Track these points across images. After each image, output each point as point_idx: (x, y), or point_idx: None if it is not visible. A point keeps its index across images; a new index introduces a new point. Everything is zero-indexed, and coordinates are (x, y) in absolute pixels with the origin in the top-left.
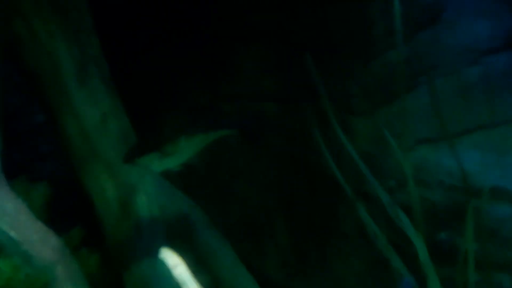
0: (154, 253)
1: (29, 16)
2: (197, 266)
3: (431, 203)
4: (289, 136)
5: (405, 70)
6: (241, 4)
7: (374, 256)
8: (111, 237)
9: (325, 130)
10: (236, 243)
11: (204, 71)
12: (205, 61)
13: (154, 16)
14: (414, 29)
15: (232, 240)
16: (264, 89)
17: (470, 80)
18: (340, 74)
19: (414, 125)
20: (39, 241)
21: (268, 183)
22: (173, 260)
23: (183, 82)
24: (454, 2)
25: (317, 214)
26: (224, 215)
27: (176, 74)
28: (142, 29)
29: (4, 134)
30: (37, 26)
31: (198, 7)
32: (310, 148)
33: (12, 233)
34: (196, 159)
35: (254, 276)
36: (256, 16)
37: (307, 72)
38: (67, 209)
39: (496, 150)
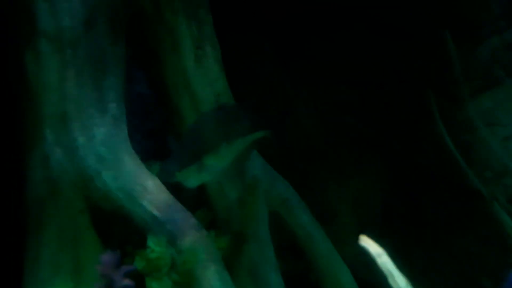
0: (260, 237)
1: None
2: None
3: None
4: (374, 122)
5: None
6: None
7: (465, 250)
8: (221, 219)
9: (417, 116)
10: None
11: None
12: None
13: None
14: None
15: None
16: (352, 73)
17: None
18: (441, 59)
19: None
20: (181, 221)
21: (346, 170)
22: (375, 249)
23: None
24: None
25: (398, 205)
26: None
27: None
28: None
29: None
30: (162, 2)
31: None
32: (396, 135)
33: (156, 212)
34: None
35: None
36: None
37: (404, 55)
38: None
39: None
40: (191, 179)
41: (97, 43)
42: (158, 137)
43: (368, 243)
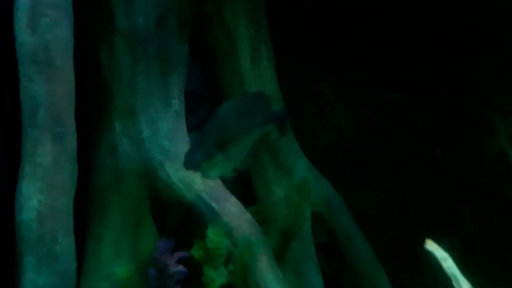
0: (303, 236)
1: None
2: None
3: None
4: (412, 128)
5: None
6: None
7: (499, 260)
8: (268, 216)
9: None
10: None
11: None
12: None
13: None
14: None
15: None
16: (388, 77)
17: None
18: (482, 67)
19: None
20: (236, 214)
21: (383, 174)
22: (441, 253)
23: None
24: None
25: (434, 210)
26: None
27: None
28: None
29: None
30: (224, 5)
31: None
32: (435, 142)
33: (214, 204)
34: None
35: None
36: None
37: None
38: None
39: None
40: (214, 170)
41: (166, 42)
42: None
43: (434, 247)
